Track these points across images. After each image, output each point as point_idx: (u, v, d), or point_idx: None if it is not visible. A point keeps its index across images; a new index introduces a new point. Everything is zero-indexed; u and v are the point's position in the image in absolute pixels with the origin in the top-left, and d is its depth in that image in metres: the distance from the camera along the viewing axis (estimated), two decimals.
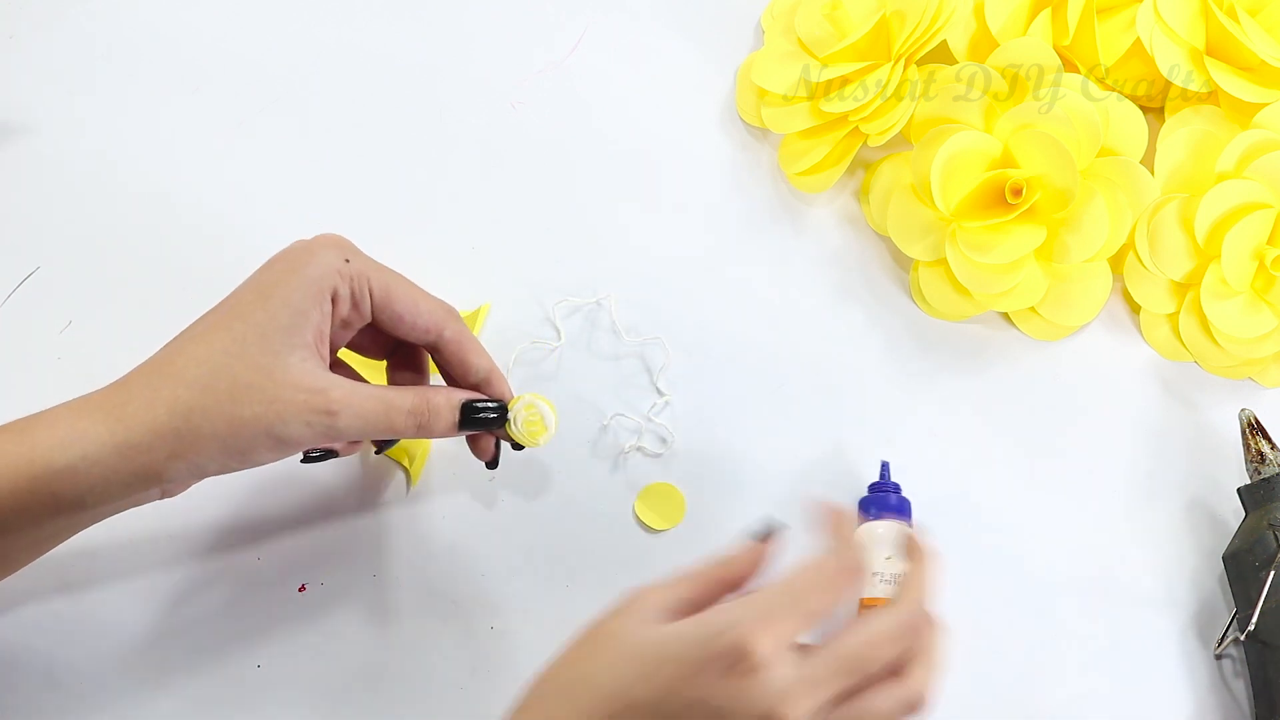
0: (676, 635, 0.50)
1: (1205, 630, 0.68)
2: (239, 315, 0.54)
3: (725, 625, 0.49)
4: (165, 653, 0.63)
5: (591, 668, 0.50)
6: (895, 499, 0.65)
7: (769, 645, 0.49)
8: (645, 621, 0.51)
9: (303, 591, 0.64)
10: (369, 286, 0.57)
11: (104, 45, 0.75)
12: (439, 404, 0.58)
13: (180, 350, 0.54)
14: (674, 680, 0.49)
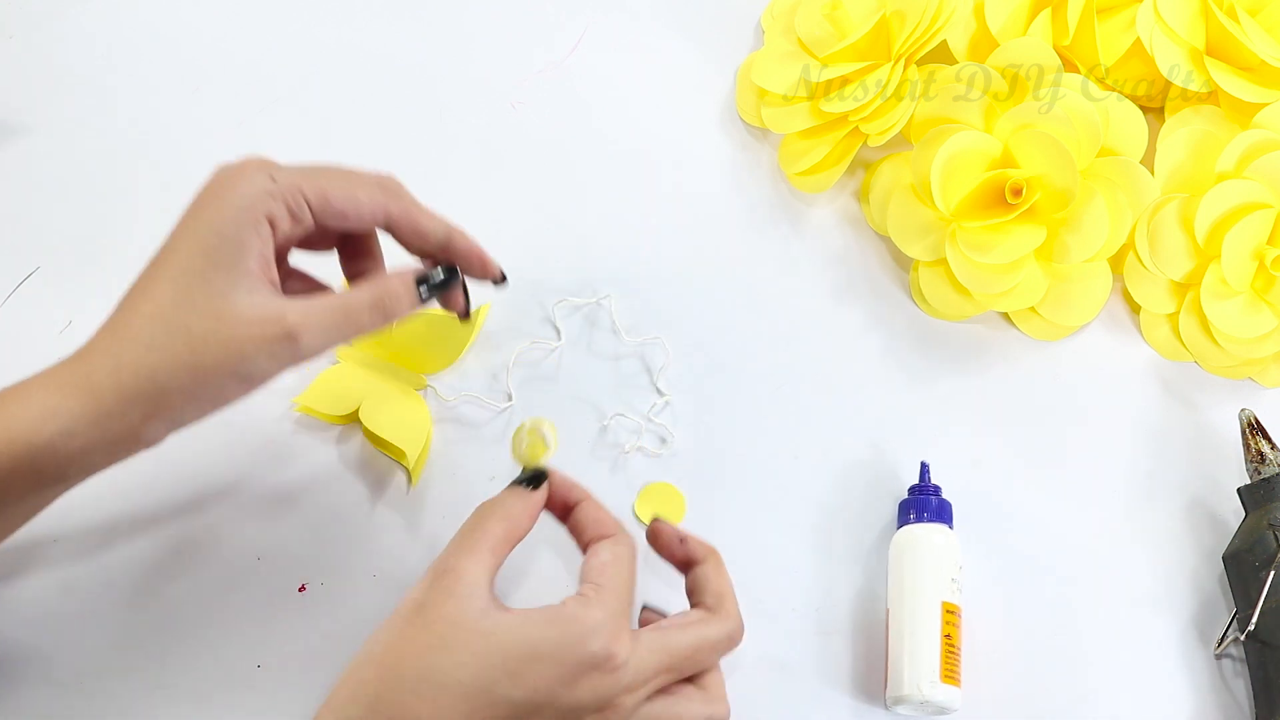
0: (539, 634, 0.52)
1: (1205, 630, 0.68)
2: (178, 264, 0.53)
3: (594, 629, 0.52)
4: (165, 653, 0.63)
5: (447, 662, 0.51)
6: (936, 501, 0.66)
7: (627, 647, 0.53)
8: (481, 607, 0.52)
9: (303, 591, 0.64)
10: (304, 197, 0.56)
11: (104, 45, 0.75)
12: (395, 288, 0.57)
13: (132, 309, 0.53)
14: (545, 679, 0.51)
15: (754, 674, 0.64)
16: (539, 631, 0.52)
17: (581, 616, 0.52)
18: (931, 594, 0.63)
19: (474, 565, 0.53)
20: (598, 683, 0.52)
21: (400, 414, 0.66)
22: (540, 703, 0.51)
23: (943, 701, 0.62)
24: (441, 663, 0.51)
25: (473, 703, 0.51)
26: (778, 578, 0.66)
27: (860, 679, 0.65)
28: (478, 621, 0.52)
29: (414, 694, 0.51)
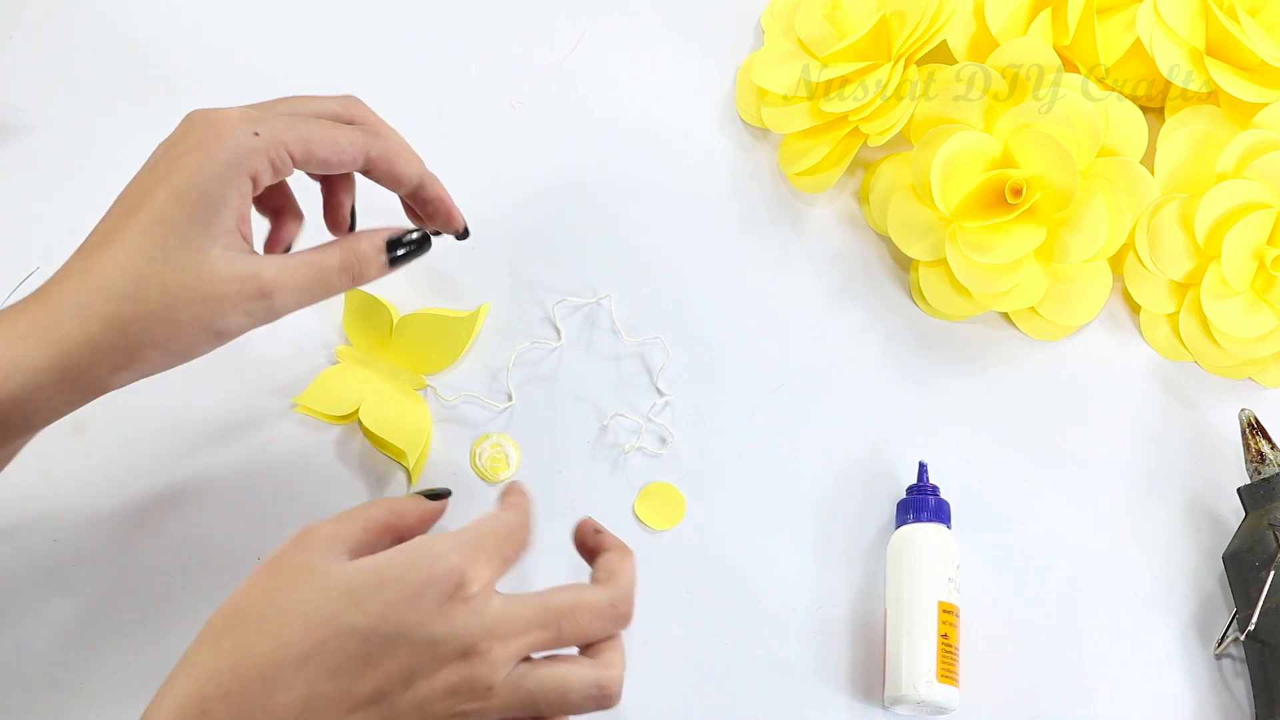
0: (387, 562, 0.49)
1: (1205, 630, 0.68)
2: (154, 212, 0.53)
3: (443, 552, 0.49)
4: (165, 653, 0.62)
5: (290, 599, 0.49)
6: (934, 501, 0.66)
7: (482, 579, 0.49)
8: (333, 557, 0.50)
9: None
10: (287, 150, 0.55)
11: (104, 45, 0.75)
12: (365, 250, 0.57)
13: (101, 258, 0.53)
14: (391, 605, 0.48)
15: (752, 674, 0.64)
16: (386, 560, 0.49)
17: (429, 543, 0.50)
18: (928, 594, 0.63)
19: (336, 528, 0.52)
20: (453, 614, 0.48)
21: (400, 414, 0.66)
22: (391, 633, 0.48)
23: (940, 701, 0.62)
24: (285, 600, 0.49)
25: (316, 633, 0.48)
26: (776, 577, 0.66)
27: (858, 679, 0.65)
28: (327, 565, 0.50)
29: (256, 630, 0.49)
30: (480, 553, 0.50)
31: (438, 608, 0.48)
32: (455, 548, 0.50)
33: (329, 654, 0.48)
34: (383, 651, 0.48)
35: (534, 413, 0.68)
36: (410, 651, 0.48)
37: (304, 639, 0.48)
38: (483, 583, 0.49)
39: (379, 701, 0.48)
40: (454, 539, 0.50)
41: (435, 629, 0.48)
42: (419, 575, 0.49)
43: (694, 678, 0.64)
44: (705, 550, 0.67)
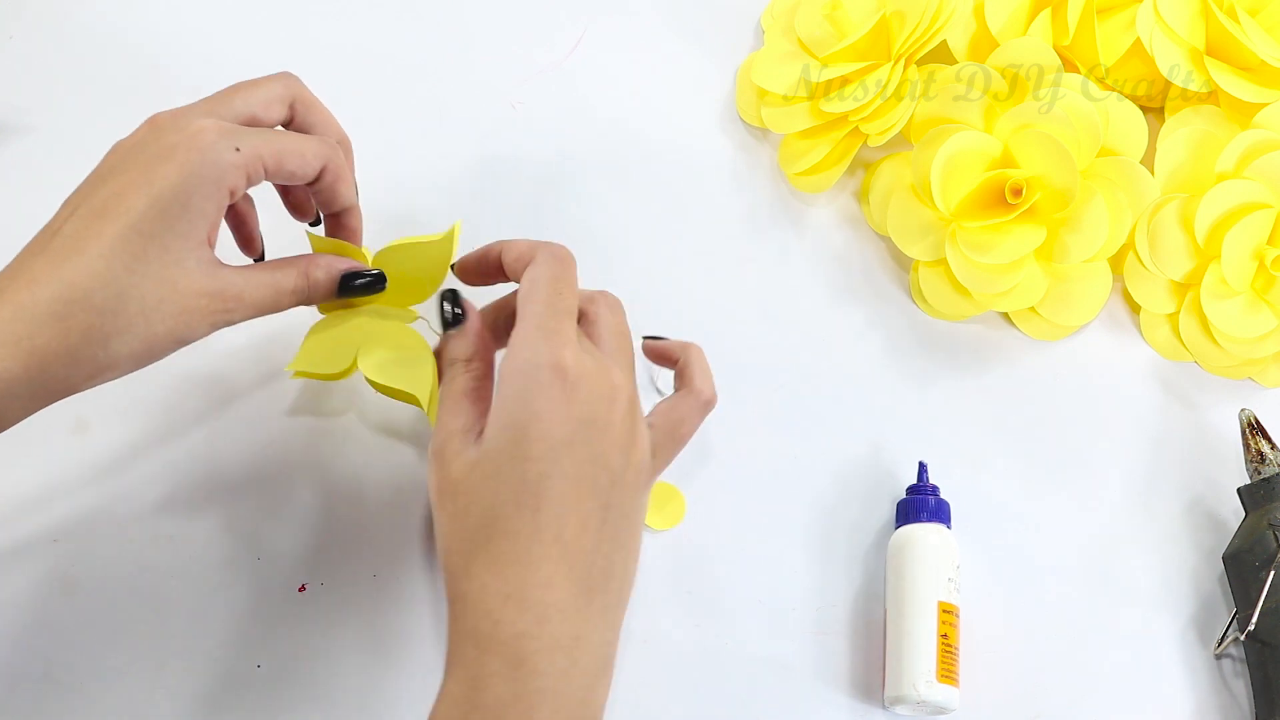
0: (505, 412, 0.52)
1: (1205, 630, 0.68)
2: (134, 224, 0.53)
3: (529, 366, 0.53)
4: (165, 653, 0.63)
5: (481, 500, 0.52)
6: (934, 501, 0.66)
7: (570, 352, 0.53)
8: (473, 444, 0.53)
9: (303, 591, 0.64)
10: (263, 165, 0.56)
11: (104, 45, 0.75)
12: (320, 280, 0.59)
13: (76, 265, 0.53)
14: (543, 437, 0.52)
15: (753, 674, 0.64)
16: (504, 409, 0.52)
17: (510, 370, 0.53)
18: (928, 594, 0.63)
19: (451, 424, 0.55)
20: (581, 394, 0.52)
21: (400, 354, 0.64)
22: (557, 448, 0.51)
23: (940, 701, 0.62)
24: (479, 504, 0.52)
25: (528, 504, 0.51)
26: (776, 577, 0.66)
27: (858, 679, 0.65)
28: (473, 456, 0.53)
29: (485, 541, 0.51)
30: (552, 334, 0.53)
31: (570, 402, 0.52)
32: (534, 351, 0.53)
33: (548, 509, 0.51)
34: (574, 469, 0.52)
35: None
36: (586, 445, 0.52)
37: (523, 513, 0.51)
38: (573, 352, 0.53)
39: (605, 499, 0.53)
40: (523, 343, 0.53)
41: (581, 412, 0.52)
42: (537, 397, 0.52)
43: (694, 677, 0.64)
44: (705, 550, 0.67)
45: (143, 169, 0.54)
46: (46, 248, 0.54)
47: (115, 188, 0.54)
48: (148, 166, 0.54)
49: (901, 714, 0.64)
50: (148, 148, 0.55)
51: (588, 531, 0.52)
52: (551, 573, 0.51)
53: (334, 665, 0.63)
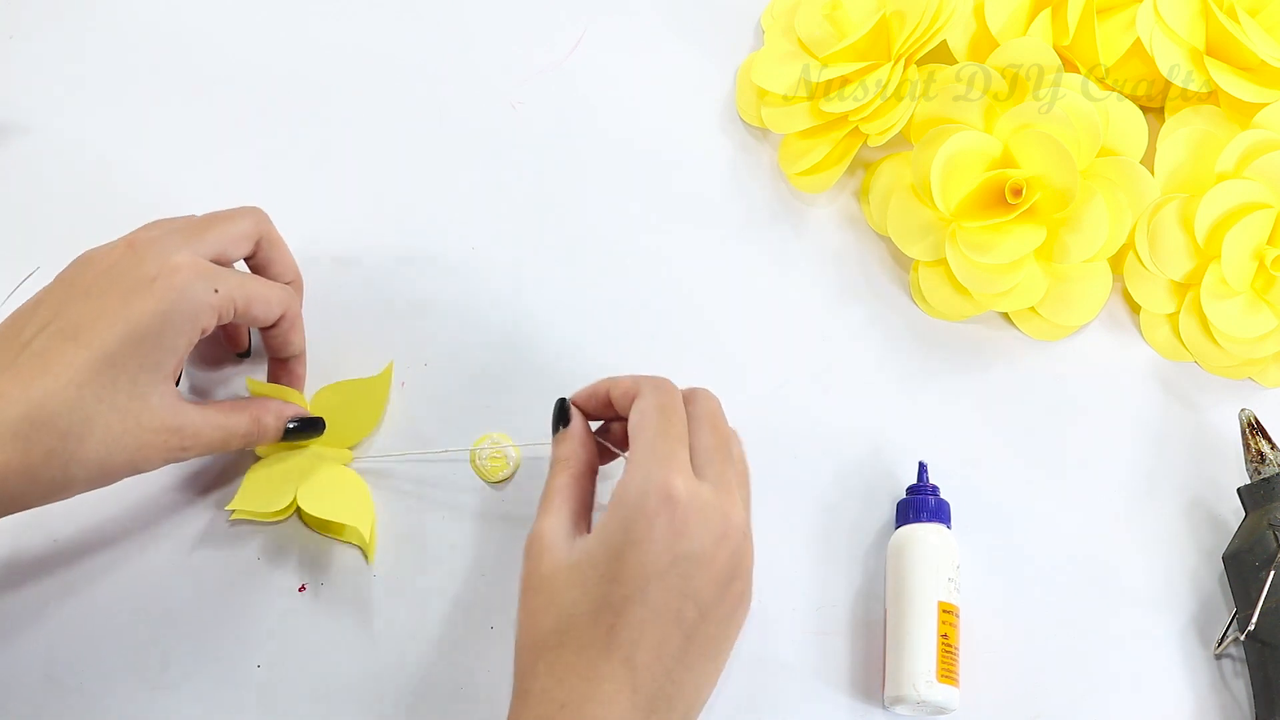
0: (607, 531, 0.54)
1: (1205, 630, 0.68)
2: (107, 354, 0.54)
3: (640, 492, 0.54)
4: (165, 652, 0.63)
5: (561, 605, 0.53)
6: (934, 501, 0.66)
7: (682, 482, 0.54)
8: (565, 547, 0.55)
9: (303, 591, 0.64)
10: (234, 307, 0.58)
11: (104, 45, 0.75)
12: (269, 424, 0.62)
13: (44, 386, 0.53)
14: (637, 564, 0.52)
15: (753, 674, 0.64)
16: (611, 526, 0.54)
17: (624, 491, 0.54)
18: (928, 594, 0.63)
19: (549, 521, 0.56)
20: (686, 527, 0.53)
21: (339, 492, 0.64)
22: (653, 579, 0.52)
23: (940, 701, 0.62)
24: (560, 609, 0.53)
25: (602, 622, 0.52)
26: (776, 577, 0.66)
27: (858, 679, 0.65)
28: (568, 558, 0.54)
29: (555, 647, 0.53)
30: (665, 461, 0.54)
31: (673, 533, 0.53)
32: (646, 478, 0.54)
33: (624, 632, 0.52)
34: (661, 599, 0.53)
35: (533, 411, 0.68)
36: (680, 579, 0.53)
37: (596, 632, 0.52)
38: (684, 482, 0.54)
39: (691, 631, 0.53)
40: (639, 468, 0.54)
41: (685, 547, 0.53)
42: (640, 523, 0.53)
43: None
44: None
45: (120, 298, 0.55)
46: (15, 363, 0.54)
47: (90, 311, 0.55)
48: (125, 297, 0.55)
49: (901, 714, 0.64)
50: (125, 275, 0.56)
51: (662, 659, 0.53)
52: (614, 692, 0.52)
53: (334, 665, 0.63)
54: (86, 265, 0.57)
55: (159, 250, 0.57)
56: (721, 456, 0.57)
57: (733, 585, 0.55)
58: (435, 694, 0.63)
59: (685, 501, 0.53)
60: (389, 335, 0.69)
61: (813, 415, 0.70)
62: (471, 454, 0.67)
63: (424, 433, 0.67)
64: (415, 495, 0.66)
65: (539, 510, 0.57)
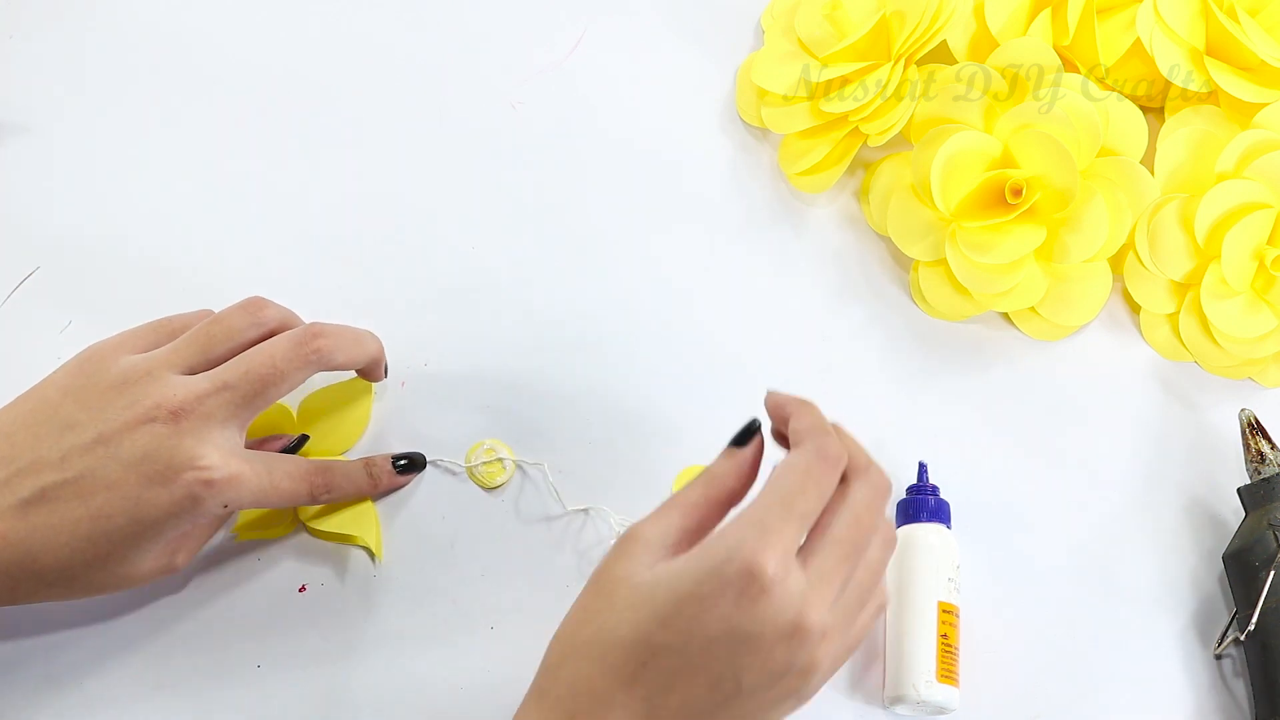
0: (682, 572, 0.50)
1: (1205, 630, 0.68)
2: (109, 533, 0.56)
3: (728, 553, 0.50)
4: (165, 652, 0.63)
5: (608, 619, 0.51)
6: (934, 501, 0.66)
7: (775, 561, 0.50)
8: (650, 561, 0.52)
9: (303, 592, 0.64)
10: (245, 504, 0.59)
11: (104, 45, 0.75)
12: None
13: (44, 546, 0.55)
14: (691, 620, 0.50)
15: None
16: (683, 570, 0.50)
17: (715, 543, 0.51)
18: (928, 594, 0.63)
19: (655, 527, 0.53)
20: (753, 608, 0.49)
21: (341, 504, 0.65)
22: (703, 645, 0.50)
23: (940, 701, 0.62)
24: (607, 622, 0.51)
25: (636, 657, 0.50)
26: None
27: (858, 679, 0.65)
28: (642, 575, 0.51)
29: (585, 658, 0.51)
30: (766, 534, 0.50)
31: (737, 610, 0.50)
32: (741, 542, 0.50)
33: (653, 674, 0.50)
34: (702, 661, 0.50)
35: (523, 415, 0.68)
36: (728, 653, 0.50)
37: (626, 665, 0.50)
38: (777, 567, 0.50)
39: (723, 702, 0.50)
40: (740, 529, 0.51)
41: (744, 629, 0.50)
42: (708, 587, 0.50)
43: None
44: None
45: (140, 481, 0.56)
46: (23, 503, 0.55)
47: (107, 476, 0.56)
48: (146, 483, 0.56)
49: (901, 714, 0.64)
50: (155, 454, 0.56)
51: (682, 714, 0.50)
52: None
53: (334, 665, 0.63)
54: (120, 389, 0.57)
55: (199, 437, 0.56)
56: (841, 553, 0.52)
57: (785, 679, 0.52)
58: (435, 694, 0.63)
59: (766, 583, 0.49)
60: (389, 335, 0.69)
61: None
62: (467, 460, 0.66)
63: (424, 433, 0.67)
64: (415, 495, 0.66)
65: (658, 508, 0.54)
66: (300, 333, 0.60)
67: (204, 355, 0.59)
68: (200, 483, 0.56)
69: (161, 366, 0.58)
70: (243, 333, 0.60)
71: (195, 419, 0.56)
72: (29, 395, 0.58)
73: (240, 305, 0.61)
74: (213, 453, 0.56)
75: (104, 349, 0.59)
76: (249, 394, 0.58)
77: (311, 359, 0.60)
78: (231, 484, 0.57)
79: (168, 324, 0.61)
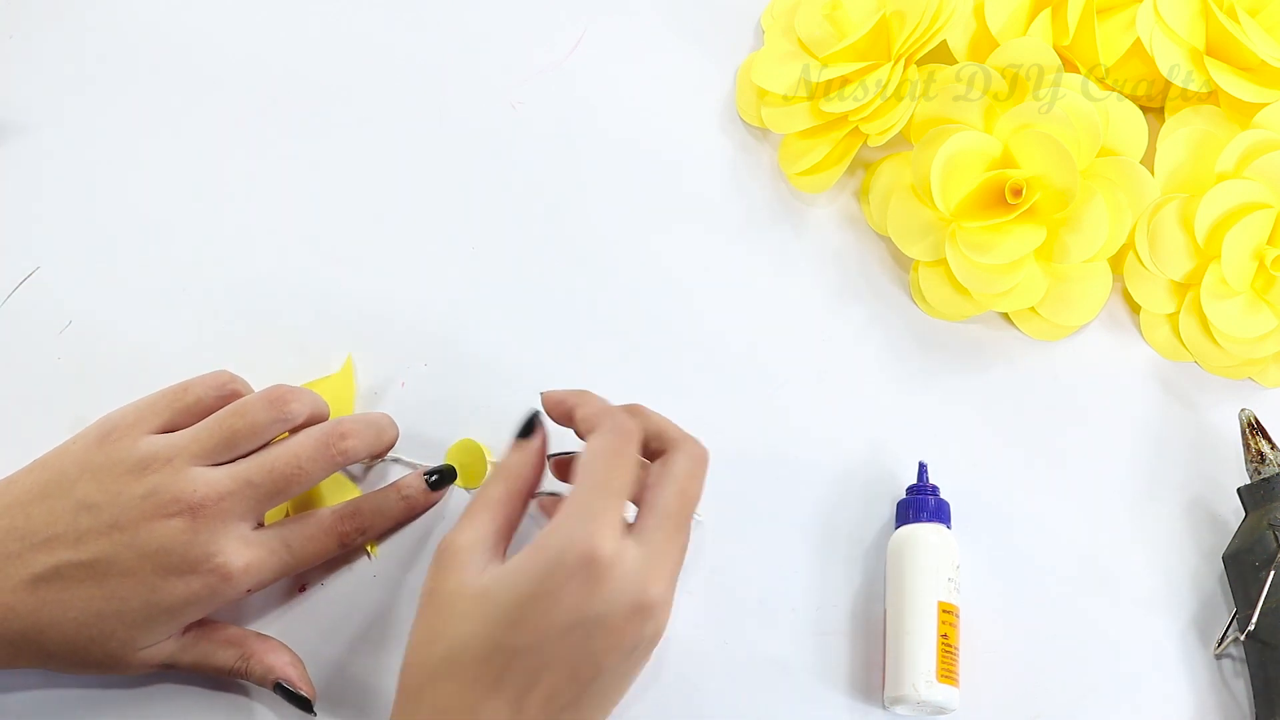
0: (519, 572, 0.52)
1: (1205, 630, 0.68)
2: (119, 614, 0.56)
3: (563, 544, 0.52)
4: None
5: (457, 633, 0.52)
6: (934, 501, 0.66)
7: (609, 543, 0.52)
8: (477, 567, 0.53)
9: (303, 591, 0.64)
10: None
11: (104, 45, 0.75)
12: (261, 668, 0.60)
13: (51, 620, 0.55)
14: (542, 617, 0.51)
15: (752, 674, 0.64)
16: (522, 568, 0.52)
17: (551, 535, 0.52)
18: (928, 594, 0.63)
19: (468, 533, 0.54)
20: (597, 591, 0.51)
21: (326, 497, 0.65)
22: (556, 639, 0.51)
23: (940, 701, 0.62)
24: (456, 637, 0.52)
25: (494, 664, 0.51)
26: (776, 577, 0.66)
27: (858, 679, 0.65)
28: (475, 582, 0.52)
29: (444, 677, 0.52)
30: (594, 519, 0.52)
31: (583, 596, 0.51)
32: (572, 532, 0.52)
33: (514, 677, 0.51)
34: (559, 653, 0.51)
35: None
36: (583, 640, 0.51)
37: (486, 674, 0.51)
38: (611, 547, 0.52)
39: (585, 686, 0.52)
40: (568, 519, 0.53)
41: (593, 613, 0.51)
42: (550, 582, 0.51)
43: (693, 678, 0.64)
44: (705, 550, 0.67)
45: (152, 573, 0.56)
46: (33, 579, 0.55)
47: (122, 563, 0.56)
48: (158, 574, 0.56)
49: (901, 714, 0.64)
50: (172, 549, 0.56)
51: (549, 711, 0.52)
52: None
53: (334, 665, 0.63)
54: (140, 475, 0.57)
55: (215, 532, 0.56)
56: (672, 525, 0.54)
57: (637, 652, 0.54)
58: None
59: (605, 565, 0.51)
60: (389, 335, 0.69)
61: (813, 415, 0.70)
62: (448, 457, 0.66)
63: (423, 433, 0.67)
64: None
65: (463, 516, 0.56)
66: (327, 433, 0.60)
67: (227, 451, 0.58)
68: (217, 576, 0.56)
69: (183, 458, 0.57)
70: (267, 429, 0.59)
71: (214, 515, 0.56)
72: (44, 465, 0.58)
73: (265, 399, 0.59)
74: (228, 545, 0.57)
75: (122, 425, 0.58)
76: (271, 492, 0.58)
77: (337, 460, 0.60)
78: (248, 573, 0.57)
79: (183, 395, 0.60)
